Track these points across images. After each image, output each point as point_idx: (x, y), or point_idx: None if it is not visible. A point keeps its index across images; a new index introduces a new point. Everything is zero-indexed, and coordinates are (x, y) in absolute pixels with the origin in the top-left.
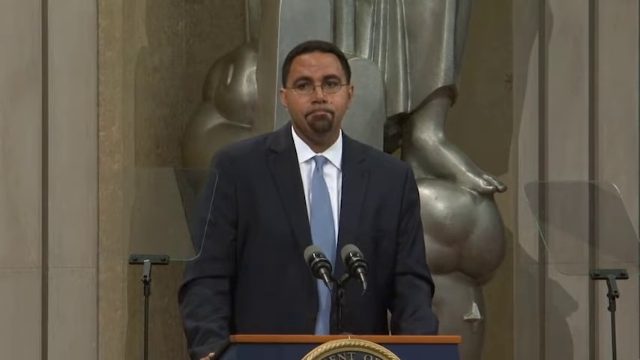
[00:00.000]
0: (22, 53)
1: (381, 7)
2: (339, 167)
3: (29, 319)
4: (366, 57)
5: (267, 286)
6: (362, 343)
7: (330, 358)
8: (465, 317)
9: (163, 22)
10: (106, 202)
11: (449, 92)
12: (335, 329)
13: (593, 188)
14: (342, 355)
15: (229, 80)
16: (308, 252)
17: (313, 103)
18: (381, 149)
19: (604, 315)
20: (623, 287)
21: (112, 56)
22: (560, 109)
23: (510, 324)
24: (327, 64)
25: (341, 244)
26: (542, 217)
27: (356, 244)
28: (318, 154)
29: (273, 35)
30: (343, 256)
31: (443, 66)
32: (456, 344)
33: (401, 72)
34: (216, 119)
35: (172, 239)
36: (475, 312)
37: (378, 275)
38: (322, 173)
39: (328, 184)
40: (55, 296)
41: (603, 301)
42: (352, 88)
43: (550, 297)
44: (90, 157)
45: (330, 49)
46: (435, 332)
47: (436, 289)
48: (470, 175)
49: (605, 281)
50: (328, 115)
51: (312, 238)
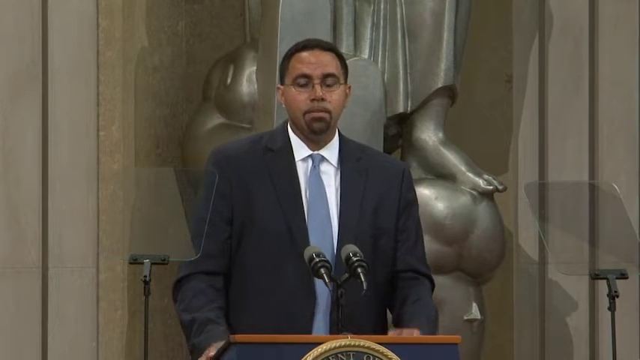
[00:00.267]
0: (22, 53)
1: (381, 7)
2: (336, 165)
3: (29, 319)
4: (366, 57)
5: (264, 285)
6: (362, 343)
7: (330, 358)
8: (465, 317)
9: (163, 22)
10: (106, 202)
11: (449, 92)
12: (335, 329)
13: (593, 188)
14: (342, 355)
15: (229, 80)
16: (308, 252)
17: (312, 100)
18: (381, 149)
19: (604, 315)
20: (623, 287)
21: (112, 56)
22: (560, 109)
23: (510, 324)
24: (327, 63)
25: (340, 242)
26: (542, 217)
27: (355, 242)
28: (315, 152)
29: (273, 35)
30: (343, 256)
31: (443, 66)
32: (456, 344)
33: (401, 72)
34: (216, 119)
35: (172, 239)
36: (475, 312)
37: (377, 274)
38: (319, 171)
39: (325, 182)
40: (55, 296)
41: (603, 301)
42: (349, 88)
43: (550, 297)
44: (90, 157)
45: (329, 47)
46: (436, 320)
47: (436, 289)
48: (470, 175)
49: (605, 281)
50: (326, 116)
51: (310, 237)
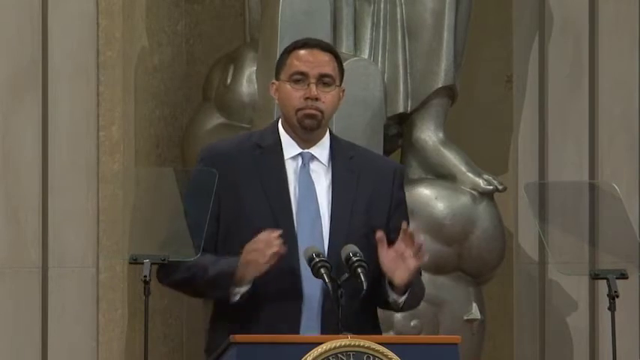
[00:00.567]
0: (22, 53)
1: (381, 7)
2: (327, 164)
3: (29, 319)
4: (366, 57)
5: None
6: (362, 343)
7: (330, 358)
8: (465, 317)
9: (163, 22)
10: (106, 202)
11: (449, 92)
12: (335, 329)
13: (593, 188)
14: (342, 355)
15: (229, 80)
16: (307, 252)
17: (306, 99)
18: (381, 149)
19: (604, 315)
20: (623, 287)
21: (112, 56)
22: (560, 109)
23: (510, 324)
24: (324, 63)
25: (332, 241)
26: (542, 217)
27: (347, 240)
28: (305, 151)
29: (273, 35)
30: (343, 256)
31: (443, 66)
32: (456, 344)
33: (401, 72)
34: (216, 119)
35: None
36: (475, 312)
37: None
38: (309, 169)
39: (315, 181)
40: (55, 296)
41: (603, 301)
42: (343, 91)
43: (550, 297)
44: (90, 157)
45: (328, 48)
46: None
47: (436, 289)
48: (470, 175)
49: (605, 281)
50: (318, 114)
51: (297, 235)
